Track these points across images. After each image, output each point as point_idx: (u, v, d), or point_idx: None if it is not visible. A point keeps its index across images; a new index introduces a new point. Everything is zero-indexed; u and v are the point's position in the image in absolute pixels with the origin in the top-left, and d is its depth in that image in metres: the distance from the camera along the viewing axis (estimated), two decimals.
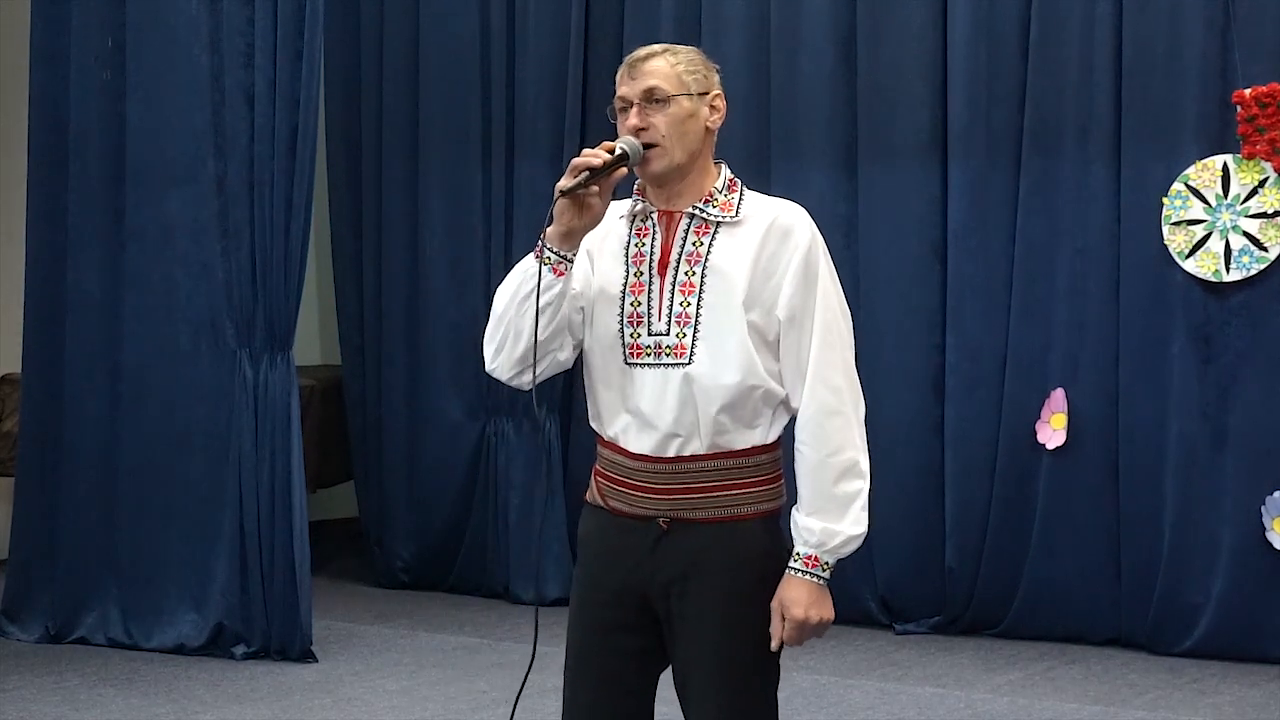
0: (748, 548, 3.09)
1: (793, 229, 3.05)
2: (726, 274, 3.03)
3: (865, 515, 3.05)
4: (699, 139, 3.08)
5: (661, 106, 3.05)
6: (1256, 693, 5.68)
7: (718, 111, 3.12)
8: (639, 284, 3.09)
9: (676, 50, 3.12)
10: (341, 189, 7.74)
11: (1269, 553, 5.98)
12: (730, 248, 3.05)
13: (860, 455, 3.05)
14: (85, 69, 6.42)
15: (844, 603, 6.68)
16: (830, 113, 6.70)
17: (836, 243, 6.70)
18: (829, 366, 3.03)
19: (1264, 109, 5.92)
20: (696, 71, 3.09)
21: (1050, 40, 6.33)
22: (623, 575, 3.10)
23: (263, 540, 6.18)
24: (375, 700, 5.69)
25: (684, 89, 3.06)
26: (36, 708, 5.59)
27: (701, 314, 3.04)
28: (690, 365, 3.03)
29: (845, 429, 3.04)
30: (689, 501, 3.06)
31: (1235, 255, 6.01)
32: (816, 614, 3.04)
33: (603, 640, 3.13)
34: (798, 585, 3.04)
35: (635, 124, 3.05)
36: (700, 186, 3.10)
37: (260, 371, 6.22)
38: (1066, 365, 6.35)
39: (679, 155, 3.06)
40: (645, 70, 3.07)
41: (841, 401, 3.04)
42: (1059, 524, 6.36)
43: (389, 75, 7.52)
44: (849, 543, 3.05)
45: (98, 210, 6.44)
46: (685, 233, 3.08)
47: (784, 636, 3.04)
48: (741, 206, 3.09)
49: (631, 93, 3.07)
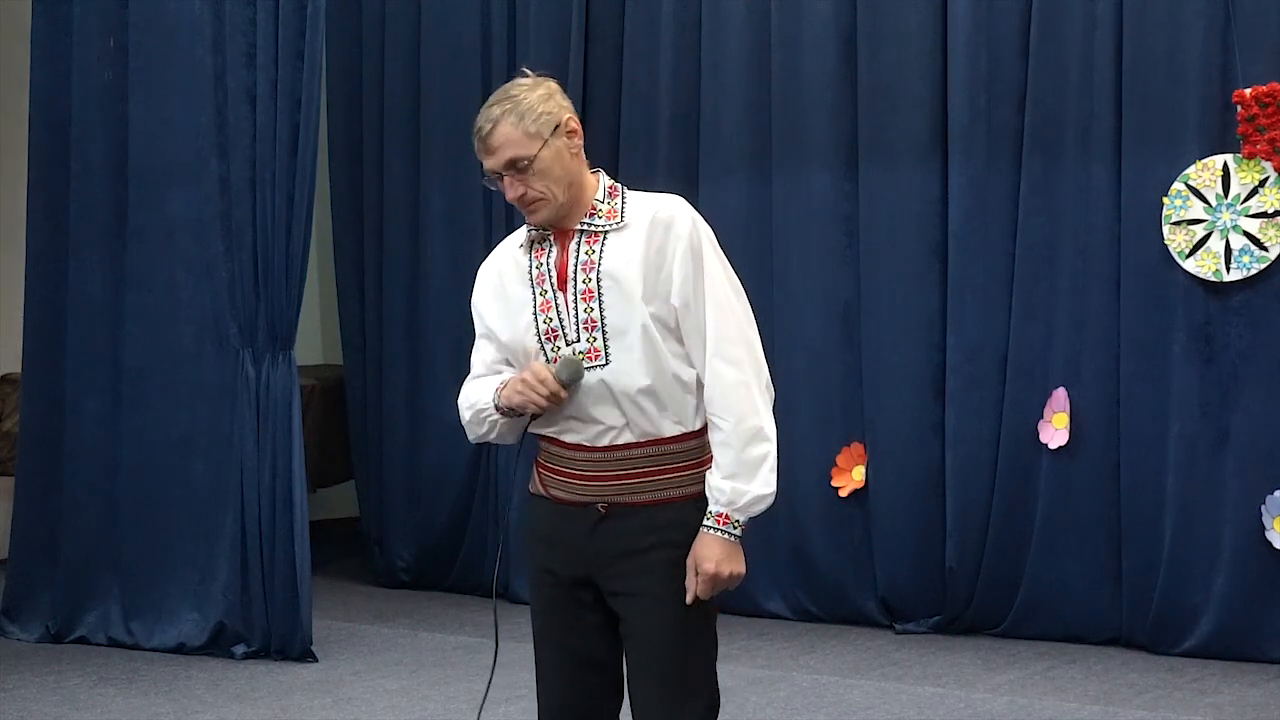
0: (679, 527, 3.24)
1: (674, 220, 3.21)
2: (621, 275, 3.21)
3: (773, 477, 3.21)
4: (572, 170, 3.24)
5: (526, 170, 3.19)
6: (1256, 693, 5.68)
7: (576, 134, 3.25)
8: (546, 302, 3.27)
9: (514, 105, 3.19)
10: (342, 189, 7.74)
11: (1269, 553, 5.98)
12: (620, 250, 3.22)
13: (764, 421, 3.21)
14: (87, 69, 6.43)
15: (844, 603, 6.78)
16: (831, 113, 6.70)
17: (837, 242, 6.71)
18: (725, 341, 3.20)
19: (1264, 109, 5.92)
20: (540, 116, 3.19)
21: (1050, 40, 6.33)
22: (568, 557, 3.30)
23: (264, 540, 6.19)
24: (375, 700, 5.69)
25: (539, 141, 3.19)
26: (36, 708, 5.59)
27: (605, 316, 3.22)
28: (607, 366, 3.22)
29: (747, 397, 3.20)
30: (624, 486, 3.25)
31: (1235, 255, 6.01)
32: (728, 568, 3.19)
33: (561, 620, 3.34)
34: (710, 541, 3.20)
35: (515, 196, 3.21)
36: (584, 202, 3.27)
37: (262, 371, 6.23)
38: (1067, 365, 6.34)
39: (561, 196, 3.22)
40: (495, 145, 3.19)
41: (742, 371, 3.21)
42: (1059, 524, 6.36)
43: (390, 75, 7.52)
44: (757, 502, 3.20)
45: (99, 210, 6.45)
46: (578, 245, 3.25)
47: (697, 590, 3.20)
48: (625, 210, 3.26)
49: (495, 166, 3.21)
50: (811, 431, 6.72)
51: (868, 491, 6.68)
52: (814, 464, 6.71)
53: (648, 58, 7.05)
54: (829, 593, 6.81)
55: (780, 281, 6.75)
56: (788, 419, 6.74)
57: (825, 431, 6.74)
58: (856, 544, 6.74)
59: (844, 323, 6.71)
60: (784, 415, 7.07)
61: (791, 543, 6.83)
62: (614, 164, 7.04)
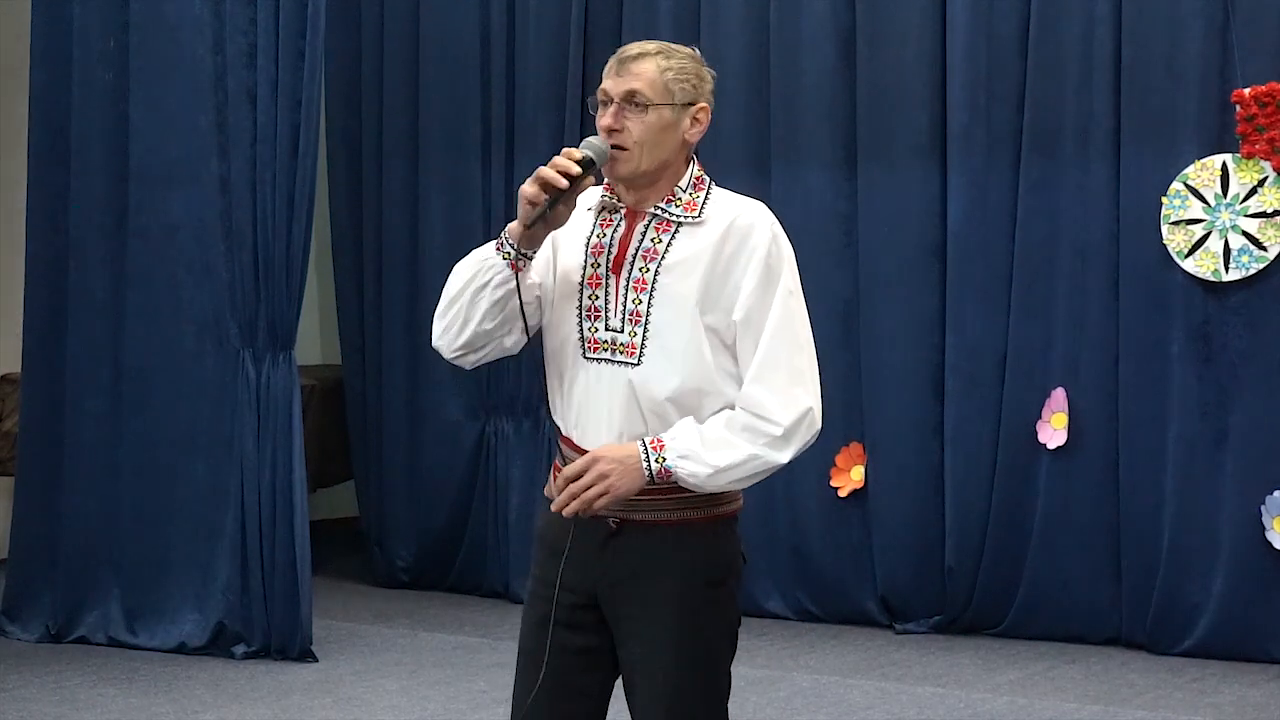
0: (699, 551, 2.99)
1: (753, 229, 2.98)
2: (682, 274, 2.97)
3: (731, 477, 2.92)
4: (672, 150, 3.02)
5: (640, 112, 2.97)
6: (1256, 693, 5.68)
7: (699, 125, 3.04)
8: (596, 277, 3.03)
9: (671, 54, 3.02)
10: (342, 189, 7.74)
11: (1269, 553, 5.98)
12: (689, 247, 2.98)
13: (774, 450, 2.94)
14: (86, 69, 6.42)
15: (844, 603, 6.78)
16: (830, 113, 6.71)
17: (836, 242, 6.72)
18: (774, 369, 2.96)
19: (1263, 108, 5.93)
20: (686, 80, 3.00)
21: (1049, 40, 6.33)
22: (571, 572, 3.01)
23: (264, 540, 6.19)
24: (375, 700, 5.69)
25: (667, 98, 2.98)
26: (36, 708, 5.59)
27: (652, 312, 2.97)
28: (638, 367, 2.97)
29: (780, 420, 2.94)
30: (639, 503, 2.97)
31: (1235, 255, 6.01)
32: (615, 479, 2.90)
33: (556, 639, 3.02)
34: (627, 449, 2.93)
35: (609, 124, 2.98)
36: (664, 188, 3.03)
37: (263, 371, 6.23)
38: (1066, 365, 6.35)
39: (645, 164, 2.99)
40: (633, 70, 2.98)
41: (784, 402, 2.96)
42: (1059, 524, 6.36)
43: (389, 75, 7.52)
44: (695, 466, 2.91)
45: (99, 210, 6.44)
46: (645, 230, 3.02)
47: (567, 469, 2.95)
48: (706, 206, 3.02)
49: (614, 90, 2.99)
50: None
51: (867, 491, 6.68)
52: (813, 464, 6.70)
53: None
54: (829, 593, 6.81)
55: None
56: None
57: (824, 431, 6.64)
58: (856, 544, 6.74)
59: (843, 322, 6.71)
60: None
61: (791, 543, 6.83)
62: None
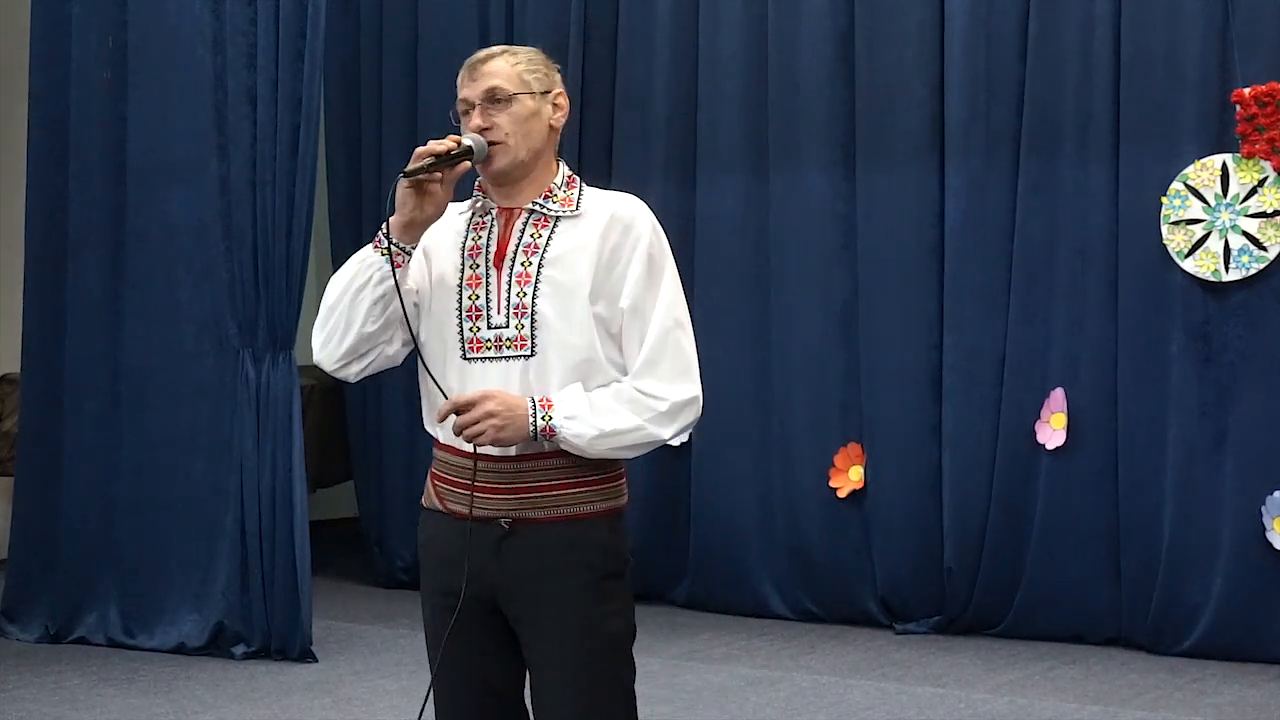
0: (592, 547, 3.03)
1: (634, 220, 3.05)
2: (567, 266, 3.02)
3: (614, 444, 2.97)
4: (542, 137, 3.10)
5: (503, 106, 3.06)
6: (1256, 693, 5.68)
7: (560, 110, 3.14)
8: (475, 277, 3.07)
9: (516, 51, 3.14)
10: (341, 188, 7.75)
11: (1269, 553, 5.98)
12: (570, 240, 3.05)
13: (655, 427, 2.98)
14: (85, 69, 6.43)
15: (844, 603, 6.78)
16: (828, 113, 6.71)
17: (835, 243, 6.72)
18: (662, 357, 2.99)
19: (1263, 108, 5.93)
20: (537, 70, 3.11)
21: (1049, 40, 6.33)
22: (470, 580, 3.00)
23: (264, 540, 6.19)
24: (375, 700, 5.70)
25: (525, 88, 3.08)
26: (36, 708, 5.59)
27: (538, 304, 3.01)
28: (532, 358, 3.01)
29: (660, 406, 2.98)
30: (531, 501, 3.01)
31: (1234, 255, 6.01)
32: (500, 421, 2.92)
33: (464, 647, 3.04)
34: (518, 399, 2.95)
35: (479, 124, 3.06)
36: (541, 183, 3.10)
37: (263, 371, 6.23)
38: (1066, 365, 6.35)
39: (522, 153, 3.06)
40: (485, 71, 3.08)
41: (670, 390, 2.99)
42: (1059, 524, 6.36)
43: (388, 75, 7.53)
44: (581, 427, 2.95)
45: (98, 210, 6.45)
46: (524, 226, 3.07)
47: (458, 396, 2.97)
48: (581, 201, 3.10)
49: (473, 94, 3.09)
50: (809, 432, 6.73)
51: (866, 492, 6.68)
52: (812, 464, 6.72)
53: (644, 58, 7.06)
54: (829, 593, 6.81)
55: (777, 281, 6.75)
56: (785, 419, 6.82)
57: (823, 432, 6.75)
58: (856, 544, 6.75)
59: (842, 323, 6.71)
60: (782, 415, 7.10)
61: (791, 543, 6.83)
62: (610, 164, 7.05)
